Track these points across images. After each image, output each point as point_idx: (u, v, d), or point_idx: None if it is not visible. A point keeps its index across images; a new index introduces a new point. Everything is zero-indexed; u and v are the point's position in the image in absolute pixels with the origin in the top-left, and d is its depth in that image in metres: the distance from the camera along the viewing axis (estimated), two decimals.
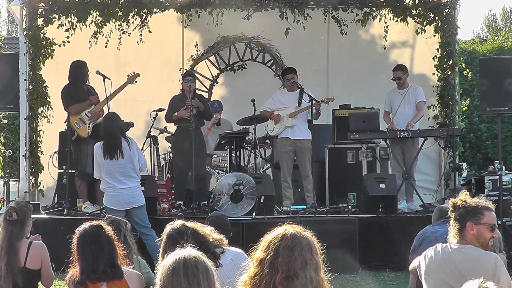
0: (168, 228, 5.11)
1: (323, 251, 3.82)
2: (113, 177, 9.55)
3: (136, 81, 11.33)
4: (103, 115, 10.54)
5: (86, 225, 5.29)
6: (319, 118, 12.07)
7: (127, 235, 6.33)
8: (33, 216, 6.86)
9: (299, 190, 12.17)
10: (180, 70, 13.73)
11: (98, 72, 11.04)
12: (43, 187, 12.44)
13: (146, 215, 9.73)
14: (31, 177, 12.29)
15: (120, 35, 12.70)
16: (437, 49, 13.08)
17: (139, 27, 12.72)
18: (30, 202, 11.25)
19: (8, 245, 6.45)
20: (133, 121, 11.82)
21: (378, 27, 13.42)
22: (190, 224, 5.17)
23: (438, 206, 7.07)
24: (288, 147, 11.83)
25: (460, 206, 5.11)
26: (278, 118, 11.82)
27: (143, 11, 12.66)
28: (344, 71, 14.13)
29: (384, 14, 13.09)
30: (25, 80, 12.24)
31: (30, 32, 12.36)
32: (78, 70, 11.48)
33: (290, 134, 11.81)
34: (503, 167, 12.06)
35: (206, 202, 11.17)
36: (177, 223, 5.15)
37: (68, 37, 12.42)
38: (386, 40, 13.23)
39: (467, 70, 13.60)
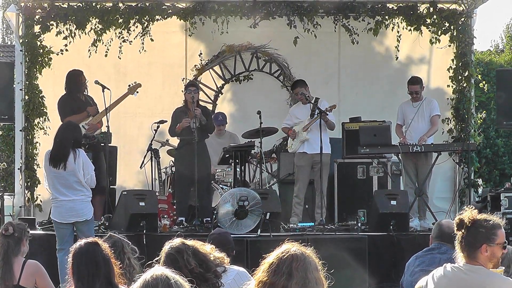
0: (167, 246, 5.00)
1: (331, 270, 3.86)
2: (55, 188, 9.45)
3: (137, 92, 11.35)
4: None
5: (81, 242, 5.04)
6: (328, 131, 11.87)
7: (131, 260, 6.05)
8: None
9: (307, 206, 11.99)
10: (183, 81, 13.41)
11: (97, 82, 11.04)
12: (41, 201, 12.28)
13: (93, 231, 9.52)
14: (26, 191, 12.16)
15: (120, 43, 12.61)
16: (452, 60, 12.90)
17: (141, 35, 12.66)
18: (25, 217, 11.24)
19: (4, 259, 6.41)
20: (134, 133, 11.84)
21: (392, 38, 13.27)
22: (190, 242, 5.08)
23: (439, 222, 6.65)
24: (304, 161, 11.68)
25: (470, 225, 4.79)
26: (294, 134, 11.72)
27: (145, 18, 12.58)
28: (357, 83, 13.93)
29: (397, 22, 13.00)
30: (20, 90, 12.14)
31: (26, 40, 12.21)
32: (75, 79, 11.30)
33: (306, 148, 11.66)
34: None
35: (209, 219, 10.97)
36: (176, 241, 5.04)
37: (66, 45, 12.31)
38: (398, 50, 13.13)
39: (483, 82, 13.52)
